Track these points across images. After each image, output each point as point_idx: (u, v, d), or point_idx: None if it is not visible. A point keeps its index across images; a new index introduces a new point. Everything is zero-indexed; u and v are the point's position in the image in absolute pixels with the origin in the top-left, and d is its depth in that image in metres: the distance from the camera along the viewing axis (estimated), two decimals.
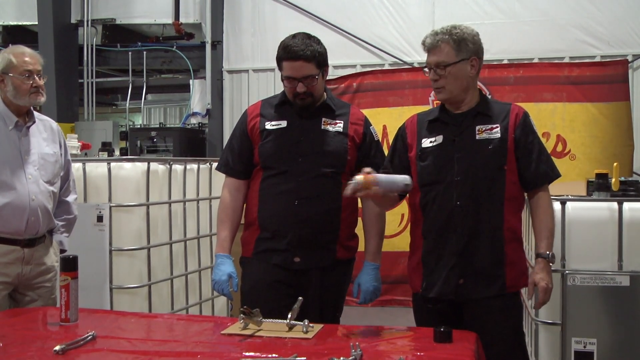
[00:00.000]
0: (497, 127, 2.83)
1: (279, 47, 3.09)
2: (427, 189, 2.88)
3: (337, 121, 3.17)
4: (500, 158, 2.81)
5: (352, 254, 3.26)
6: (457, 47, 2.83)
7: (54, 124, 3.63)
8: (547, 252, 2.80)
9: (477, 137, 2.83)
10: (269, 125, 3.15)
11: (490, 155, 2.81)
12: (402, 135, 3.04)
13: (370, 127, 3.27)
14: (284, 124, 3.14)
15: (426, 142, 2.91)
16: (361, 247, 3.31)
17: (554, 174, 2.90)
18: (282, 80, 3.13)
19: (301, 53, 3.01)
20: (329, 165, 3.11)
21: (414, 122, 3.02)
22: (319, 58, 3.06)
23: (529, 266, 3.01)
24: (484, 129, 2.84)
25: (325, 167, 3.10)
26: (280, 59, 3.09)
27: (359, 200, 3.25)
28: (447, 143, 2.87)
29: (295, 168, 3.08)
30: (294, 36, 3.09)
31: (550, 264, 2.81)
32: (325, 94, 3.21)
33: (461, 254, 2.81)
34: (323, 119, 3.16)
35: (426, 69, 2.92)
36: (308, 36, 3.10)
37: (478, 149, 2.82)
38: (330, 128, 3.15)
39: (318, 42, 3.11)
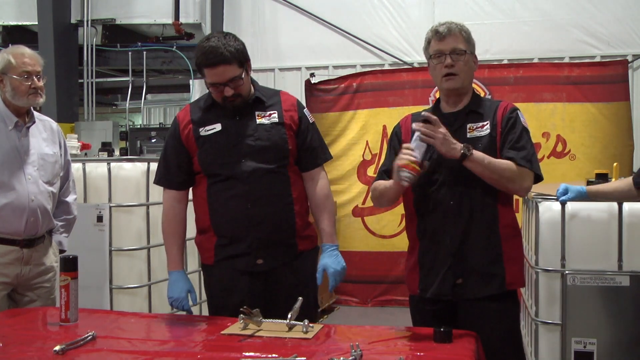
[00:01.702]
0: (486, 124, 2.84)
1: (197, 53, 2.99)
2: (420, 190, 2.86)
3: (271, 112, 3.08)
4: (490, 155, 2.77)
5: (313, 243, 3.19)
6: (467, 40, 2.87)
7: (54, 124, 3.62)
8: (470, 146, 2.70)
9: (468, 135, 2.82)
10: (203, 132, 3.05)
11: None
12: (397, 133, 3.03)
13: (304, 109, 3.20)
14: (218, 127, 3.05)
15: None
16: None
17: (521, 163, 2.75)
18: (207, 87, 3.03)
19: (220, 57, 2.90)
20: (273, 160, 3.03)
21: (408, 121, 3.00)
22: (239, 56, 2.95)
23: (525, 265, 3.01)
24: (474, 127, 2.84)
25: (270, 163, 3.02)
26: (200, 66, 2.99)
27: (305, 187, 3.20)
28: None
29: (240, 171, 2.99)
30: (208, 38, 2.99)
31: (462, 148, 2.67)
32: (252, 87, 3.11)
33: (457, 253, 2.80)
34: (256, 113, 3.07)
35: (433, 59, 2.89)
36: (224, 35, 2.99)
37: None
38: (265, 120, 3.06)
39: (235, 38, 3.00)
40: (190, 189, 3.20)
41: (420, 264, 2.90)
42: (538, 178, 2.85)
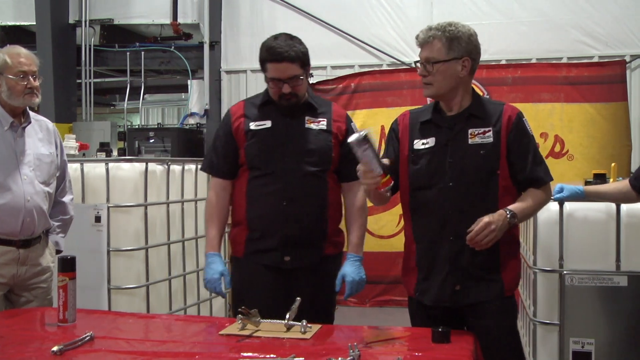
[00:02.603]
0: (489, 130, 2.78)
1: (262, 49, 3.13)
2: (418, 193, 2.84)
3: (320, 119, 3.19)
4: (493, 163, 2.76)
5: (339, 249, 3.28)
6: (449, 45, 2.75)
7: (50, 125, 3.60)
8: (511, 209, 2.69)
9: (470, 141, 2.78)
10: (253, 126, 3.16)
11: (483, 161, 2.76)
12: (394, 129, 3.01)
13: (352, 123, 3.30)
14: (268, 124, 3.15)
15: (418, 144, 2.86)
16: None
17: (548, 178, 2.84)
18: (267, 82, 3.14)
19: (285, 54, 3.03)
20: (315, 164, 3.13)
21: (406, 119, 2.98)
22: (303, 58, 3.09)
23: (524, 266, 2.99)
24: (476, 132, 2.78)
25: (311, 165, 3.12)
26: (264, 61, 3.12)
27: (342, 196, 3.31)
28: (440, 147, 2.81)
29: (282, 168, 3.09)
30: (276, 37, 3.12)
31: (508, 218, 2.66)
32: (307, 92, 3.22)
33: (455, 260, 2.76)
34: (306, 118, 3.18)
35: (418, 64, 2.86)
36: (290, 37, 3.13)
37: (470, 154, 2.77)
38: (313, 126, 3.17)
39: (300, 42, 3.13)
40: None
41: (418, 267, 2.87)
42: None
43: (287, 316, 2.63)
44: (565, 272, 3.44)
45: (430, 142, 2.83)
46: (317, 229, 3.15)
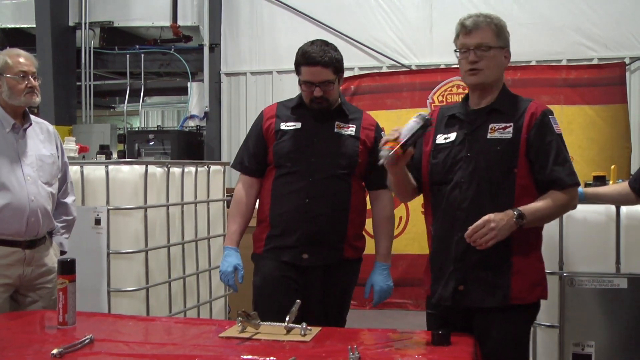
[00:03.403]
0: (510, 126, 2.68)
1: (298, 53, 3.21)
2: (437, 189, 2.78)
3: (350, 125, 3.28)
4: (510, 160, 2.65)
5: (359, 254, 3.32)
6: (498, 33, 2.74)
7: (50, 127, 3.65)
8: (520, 210, 2.56)
9: (489, 136, 2.69)
10: (284, 126, 3.26)
11: (499, 157, 2.65)
12: None
13: (382, 132, 3.34)
14: (298, 125, 3.25)
15: (440, 139, 2.80)
16: (370, 249, 3.36)
17: (571, 180, 2.66)
18: (300, 85, 3.23)
19: (319, 59, 3.12)
20: (340, 166, 3.20)
21: (435, 114, 2.90)
22: (336, 64, 3.18)
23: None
24: (496, 127, 2.70)
25: (337, 168, 3.20)
26: (298, 64, 3.20)
27: (368, 202, 3.36)
28: (459, 141, 2.74)
29: (308, 168, 3.17)
30: (312, 43, 3.21)
31: (514, 218, 2.53)
32: (339, 99, 3.31)
33: (461, 259, 2.67)
34: (336, 123, 3.26)
35: (458, 53, 2.78)
36: (326, 43, 3.22)
37: (487, 149, 2.67)
38: (343, 131, 3.25)
39: (335, 49, 3.22)
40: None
41: (431, 266, 2.83)
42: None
43: (287, 318, 2.63)
44: (565, 274, 3.44)
45: (452, 136, 2.78)
46: (337, 230, 3.21)
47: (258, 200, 3.36)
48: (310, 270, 3.17)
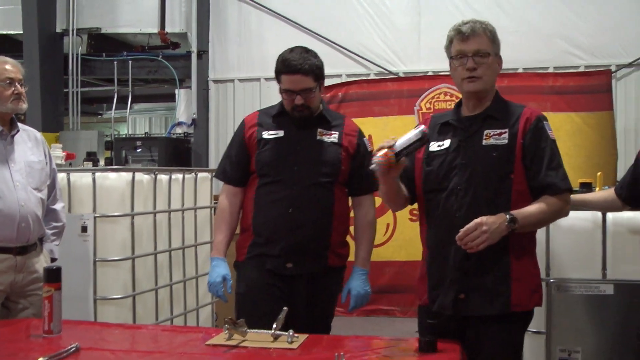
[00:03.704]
0: (505, 132, 2.67)
1: (278, 60, 3.20)
2: (431, 196, 2.75)
3: (332, 132, 3.26)
4: (506, 166, 2.64)
5: (343, 261, 3.31)
6: (492, 40, 2.73)
7: (38, 134, 3.67)
8: (512, 213, 2.55)
9: (484, 142, 2.67)
10: (266, 135, 3.24)
11: (495, 163, 2.65)
12: None
13: (364, 138, 3.36)
14: (281, 133, 3.23)
15: (434, 146, 2.77)
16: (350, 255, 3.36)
17: (564, 185, 2.65)
18: (281, 93, 3.21)
19: (299, 67, 3.11)
20: (323, 174, 3.19)
21: (428, 122, 2.88)
22: (317, 71, 3.16)
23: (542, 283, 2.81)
24: (492, 133, 2.68)
25: (320, 176, 3.18)
26: (279, 73, 3.19)
27: (351, 209, 3.36)
28: (453, 148, 2.73)
29: (291, 176, 3.16)
30: (292, 50, 3.21)
31: (506, 222, 2.52)
32: (321, 105, 3.30)
33: (461, 267, 2.64)
34: (319, 130, 3.24)
35: (455, 60, 2.74)
36: (306, 50, 3.21)
37: (483, 155, 2.66)
38: (325, 139, 3.23)
39: (315, 55, 3.21)
40: None
41: (428, 274, 2.79)
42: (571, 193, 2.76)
43: (274, 326, 2.63)
44: (551, 280, 3.45)
45: (446, 143, 2.76)
46: (321, 238, 3.19)
47: (242, 209, 3.35)
48: (294, 279, 3.15)
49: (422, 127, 2.61)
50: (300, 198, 3.14)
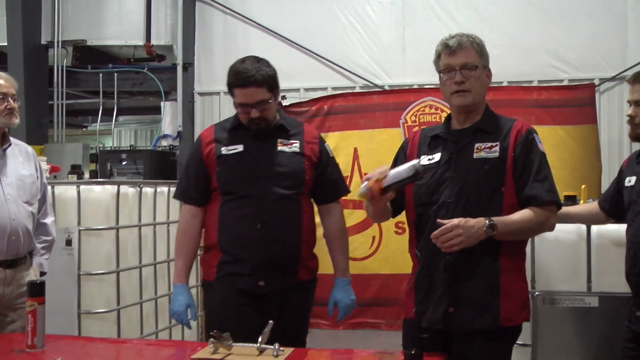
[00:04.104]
0: (496, 145, 2.66)
1: (229, 73, 3.09)
2: (421, 210, 2.73)
3: (293, 141, 3.17)
4: (497, 179, 2.63)
5: (313, 275, 3.25)
6: (480, 53, 2.72)
7: (29, 148, 3.68)
8: (492, 220, 2.54)
9: (475, 156, 2.66)
10: (225, 151, 3.13)
11: (486, 176, 2.64)
12: (403, 147, 2.93)
13: (325, 144, 3.28)
14: (240, 148, 3.12)
15: (424, 160, 2.74)
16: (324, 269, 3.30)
17: (548, 197, 2.64)
18: (235, 107, 3.12)
19: (252, 79, 3.00)
20: (288, 186, 3.09)
21: (417, 136, 2.89)
22: (270, 81, 3.06)
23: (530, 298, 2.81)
24: (482, 147, 2.67)
25: (284, 188, 3.08)
26: (231, 86, 3.08)
27: (320, 219, 3.30)
28: (444, 161, 2.72)
29: (255, 192, 3.05)
30: (242, 61, 3.10)
31: (485, 227, 2.52)
32: (277, 114, 3.20)
33: (450, 281, 2.63)
34: (278, 140, 3.15)
35: (443, 74, 2.74)
36: (257, 60, 3.10)
37: (474, 169, 2.65)
38: (286, 149, 3.14)
39: (268, 64, 3.10)
40: None
41: (415, 288, 2.76)
42: (558, 207, 2.74)
43: (260, 339, 2.61)
44: (537, 292, 3.46)
45: (436, 157, 2.75)
46: (292, 253, 3.11)
47: (204, 228, 3.23)
48: (265, 297, 3.06)
49: (417, 162, 2.57)
50: (267, 213, 3.04)
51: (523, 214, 2.61)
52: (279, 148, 3.13)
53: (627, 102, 3.05)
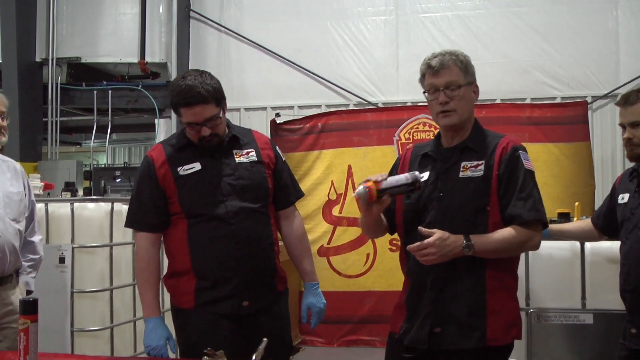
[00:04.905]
0: (481, 163, 2.64)
1: (172, 92, 2.91)
2: (410, 228, 2.72)
3: (248, 150, 3.06)
4: (482, 198, 2.62)
5: (285, 284, 3.17)
6: (465, 70, 2.69)
7: (18, 165, 3.63)
8: (470, 238, 2.54)
9: (461, 174, 2.65)
10: (182, 171, 2.96)
11: (471, 195, 2.63)
12: (395, 165, 2.93)
13: (277, 147, 3.22)
14: (197, 166, 2.97)
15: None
16: None
17: (529, 216, 2.60)
18: (184, 127, 2.98)
19: (198, 96, 2.84)
20: (254, 199, 2.99)
21: (409, 153, 2.89)
22: (216, 95, 2.91)
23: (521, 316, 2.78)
24: (468, 165, 2.66)
25: (252, 202, 2.98)
26: (176, 105, 2.91)
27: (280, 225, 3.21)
28: (432, 180, 2.71)
29: (225, 211, 2.93)
30: (184, 77, 2.92)
31: (462, 247, 2.52)
32: (227, 125, 3.08)
33: (436, 301, 2.63)
34: (234, 152, 3.03)
35: (428, 95, 2.73)
36: (200, 73, 2.93)
37: (460, 188, 2.65)
38: (244, 159, 3.03)
39: (211, 76, 2.95)
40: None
41: (406, 305, 2.76)
42: (544, 225, 2.70)
43: (254, 357, 2.60)
44: (531, 310, 3.46)
45: (425, 175, 2.73)
46: (268, 267, 3.04)
47: (167, 253, 3.10)
48: (250, 316, 2.97)
49: (418, 174, 2.58)
50: (241, 232, 2.93)
51: (503, 233, 2.59)
52: (237, 160, 3.02)
53: (620, 125, 3.04)
